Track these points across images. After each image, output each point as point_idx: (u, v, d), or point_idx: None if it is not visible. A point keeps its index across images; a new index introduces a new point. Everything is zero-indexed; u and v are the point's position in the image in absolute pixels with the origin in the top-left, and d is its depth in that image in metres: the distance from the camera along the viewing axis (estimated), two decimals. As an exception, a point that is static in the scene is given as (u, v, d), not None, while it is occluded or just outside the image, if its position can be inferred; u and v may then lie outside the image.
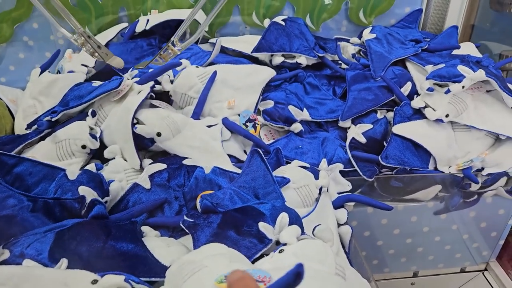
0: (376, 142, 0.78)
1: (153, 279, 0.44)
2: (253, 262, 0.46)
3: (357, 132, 0.77)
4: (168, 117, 0.65)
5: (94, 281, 0.38)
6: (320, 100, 0.83)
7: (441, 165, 0.76)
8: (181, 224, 0.51)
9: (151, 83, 0.67)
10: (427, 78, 0.78)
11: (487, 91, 0.79)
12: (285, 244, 0.46)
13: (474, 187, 0.77)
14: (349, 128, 0.80)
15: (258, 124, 0.76)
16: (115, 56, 0.73)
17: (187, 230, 0.50)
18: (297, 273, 0.24)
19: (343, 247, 0.62)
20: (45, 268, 0.42)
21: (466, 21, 1.01)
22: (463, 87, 0.74)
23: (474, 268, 0.92)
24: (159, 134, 0.63)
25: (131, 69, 0.83)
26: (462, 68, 0.75)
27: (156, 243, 0.49)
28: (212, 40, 0.94)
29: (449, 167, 0.76)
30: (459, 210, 0.82)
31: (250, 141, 0.74)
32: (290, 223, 0.51)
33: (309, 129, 0.81)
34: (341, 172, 0.74)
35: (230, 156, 0.72)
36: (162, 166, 0.60)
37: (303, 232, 0.50)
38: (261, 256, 0.47)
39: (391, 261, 0.87)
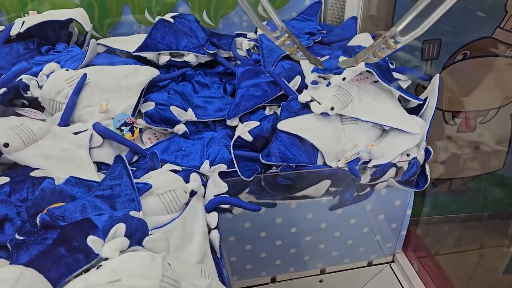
0: (264, 140, 0.75)
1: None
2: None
3: (243, 130, 0.74)
4: (21, 125, 0.60)
5: None
6: (209, 99, 0.80)
7: (329, 160, 0.74)
8: (7, 244, 0.47)
9: (3, 89, 0.62)
10: (312, 71, 0.77)
11: (374, 82, 0.78)
12: (107, 259, 0.43)
13: (364, 179, 0.75)
14: (237, 126, 0.77)
15: (136, 128, 0.72)
16: (312, 56, 0.71)
17: (10, 250, 0.46)
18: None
19: (215, 252, 0.59)
20: None
21: (365, 11, 1.00)
22: (343, 78, 0.72)
23: (381, 261, 0.91)
24: (6, 145, 0.58)
25: (3, 76, 0.78)
26: (343, 60, 0.73)
27: (-27, 267, 0.44)
28: (102, 41, 0.89)
29: (338, 161, 0.75)
30: (354, 203, 0.80)
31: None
32: (129, 234, 0.47)
33: (196, 130, 0.78)
34: (225, 173, 0.72)
35: (102, 163, 0.68)
36: (5, 179, 0.55)
37: (139, 244, 0.47)
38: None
39: (294, 260, 0.85)
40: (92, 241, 0.45)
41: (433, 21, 0.56)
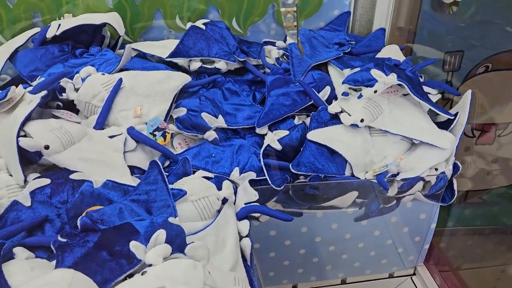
0: (293, 149, 0.76)
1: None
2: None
3: (272, 139, 0.75)
4: (60, 128, 0.62)
5: None
6: (238, 106, 0.81)
7: (357, 171, 0.74)
8: (51, 245, 0.48)
9: (43, 92, 0.64)
10: (342, 83, 0.77)
11: (404, 95, 0.79)
12: (150, 265, 0.44)
13: (391, 192, 0.76)
14: (266, 134, 0.78)
15: (168, 133, 0.73)
16: (300, 41, 0.75)
17: (55, 251, 0.47)
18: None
19: (246, 260, 0.60)
20: None
21: (393, 23, 1.00)
22: (375, 91, 0.72)
23: (402, 273, 0.91)
24: (47, 147, 0.59)
25: (39, 77, 0.79)
26: (374, 72, 0.73)
27: (18, 267, 0.45)
28: (133, 45, 0.91)
29: (366, 172, 0.75)
30: (380, 215, 0.81)
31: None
32: (169, 241, 0.48)
33: (225, 137, 0.79)
34: (255, 181, 0.72)
35: (135, 167, 0.69)
36: (46, 181, 0.56)
37: (181, 251, 0.48)
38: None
39: (317, 269, 0.86)
40: (135, 246, 0.46)
41: None
